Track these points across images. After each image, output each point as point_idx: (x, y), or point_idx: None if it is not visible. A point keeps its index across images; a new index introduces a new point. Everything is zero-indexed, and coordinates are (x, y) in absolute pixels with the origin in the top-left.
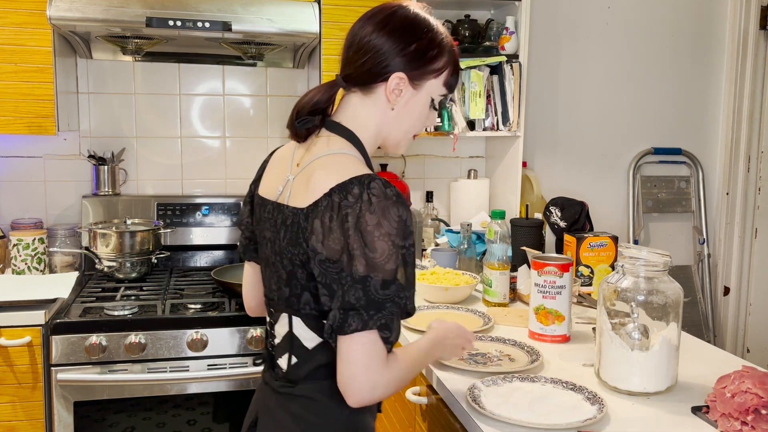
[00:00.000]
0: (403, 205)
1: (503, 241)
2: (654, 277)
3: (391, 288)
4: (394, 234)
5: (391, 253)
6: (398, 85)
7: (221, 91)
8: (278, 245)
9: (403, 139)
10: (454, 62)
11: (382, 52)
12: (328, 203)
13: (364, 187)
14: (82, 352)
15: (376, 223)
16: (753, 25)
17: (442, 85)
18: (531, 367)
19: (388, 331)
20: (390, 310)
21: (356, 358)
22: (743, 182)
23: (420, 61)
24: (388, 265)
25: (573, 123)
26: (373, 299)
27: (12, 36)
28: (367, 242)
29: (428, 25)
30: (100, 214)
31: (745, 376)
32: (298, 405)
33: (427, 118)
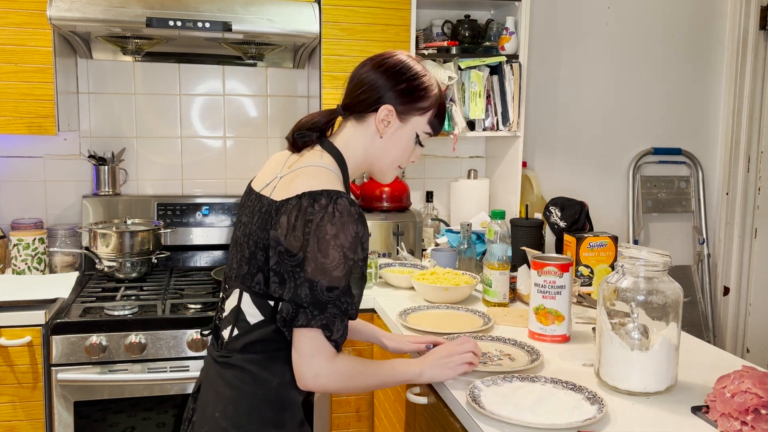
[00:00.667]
0: (363, 224)
1: (503, 241)
2: (654, 277)
3: (334, 292)
4: (348, 247)
5: (341, 262)
6: (387, 116)
7: (221, 91)
8: (249, 228)
9: (388, 169)
10: (440, 106)
11: (376, 86)
12: (296, 204)
13: (332, 201)
14: (82, 352)
15: (334, 234)
16: (753, 25)
17: (427, 123)
18: (531, 366)
19: (329, 331)
20: (331, 311)
21: (302, 348)
22: (743, 182)
23: (408, 97)
24: (336, 272)
25: (573, 123)
26: (318, 299)
27: (12, 36)
28: (321, 249)
29: (419, 70)
30: (101, 214)
31: (745, 376)
32: (233, 374)
33: (413, 152)
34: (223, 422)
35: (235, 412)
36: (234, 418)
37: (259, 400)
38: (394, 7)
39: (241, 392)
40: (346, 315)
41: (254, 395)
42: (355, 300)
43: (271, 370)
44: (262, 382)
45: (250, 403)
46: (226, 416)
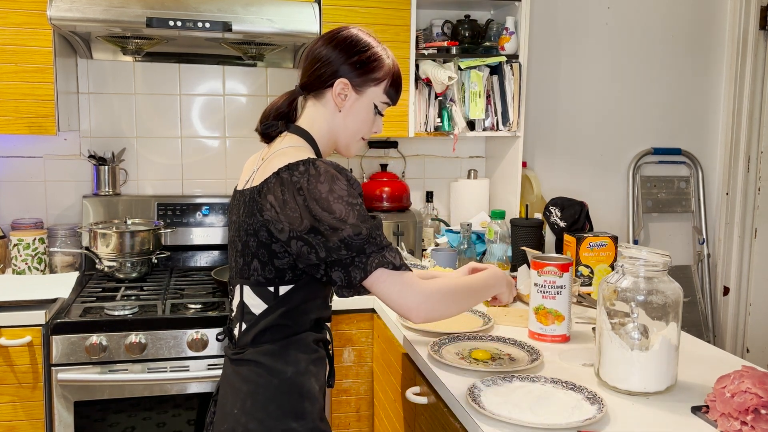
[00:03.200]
0: (347, 173)
1: (503, 241)
2: (654, 277)
3: (363, 234)
4: (347, 195)
5: (349, 210)
6: (343, 90)
7: (221, 91)
8: (238, 222)
9: (351, 142)
10: (394, 75)
11: (329, 61)
12: (276, 180)
13: (309, 164)
14: (82, 352)
15: (328, 189)
16: (753, 25)
17: (383, 92)
18: (531, 366)
19: (390, 265)
20: (373, 249)
21: (385, 294)
22: (743, 182)
23: (361, 69)
24: (351, 219)
25: (573, 123)
26: (355, 246)
27: (12, 36)
28: (325, 206)
29: (369, 41)
30: (101, 214)
31: (745, 375)
32: (247, 368)
33: (374, 123)
34: (243, 418)
35: (253, 406)
36: (252, 412)
37: (275, 391)
38: (394, 7)
39: (257, 385)
40: (386, 246)
41: (270, 387)
42: (381, 231)
43: (284, 359)
44: (276, 373)
45: (267, 396)
46: (245, 411)
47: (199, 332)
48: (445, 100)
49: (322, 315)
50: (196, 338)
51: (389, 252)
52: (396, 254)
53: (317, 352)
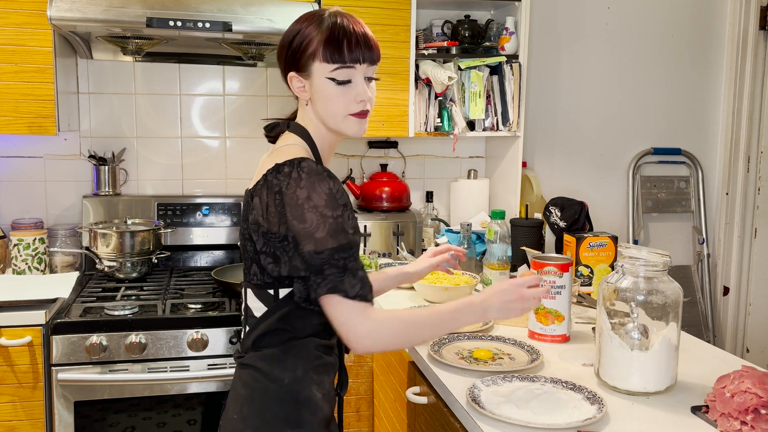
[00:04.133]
0: (333, 179)
1: (503, 241)
2: (653, 277)
3: (324, 253)
4: (323, 205)
5: (320, 223)
6: (297, 83)
7: (221, 91)
8: (240, 224)
9: (338, 123)
10: (325, 38)
11: (280, 62)
12: (263, 182)
13: (294, 166)
14: (82, 351)
15: (306, 196)
16: (753, 25)
17: (323, 61)
18: (531, 366)
19: (342, 292)
20: (331, 272)
21: (332, 318)
22: (743, 182)
23: (297, 55)
24: (318, 233)
25: (573, 123)
26: (312, 265)
27: (12, 36)
28: (297, 215)
29: (297, 26)
30: (101, 214)
31: (745, 375)
32: (247, 373)
33: (347, 93)
34: (240, 424)
35: (250, 412)
36: (249, 418)
37: (271, 397)
38: (394, 7)
39: (254, 390)
40: (348, 270)
41: (266, 393)
42: (351, 253)
43: (282, 364)
44: (272, 379)
45: (263, 402)
46: (242, 417)
47: (199, 332)
48: (445, 100)
49: None
50: (196, 338)
51: (349, 278)
52: (358, 282)
53: (321, 358)
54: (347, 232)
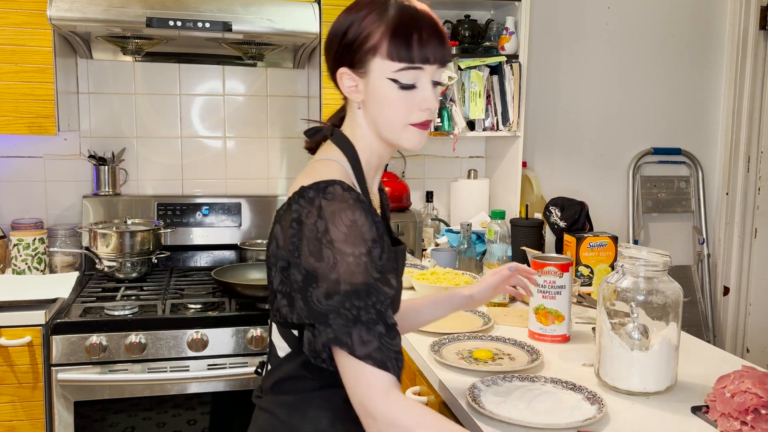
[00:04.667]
0: (362, 209)
1: (503, 241)
2: (654, 277)
3: (334, 299)
4: (342, 240)
5: (336, 261)
6: (348, 80)
7: (221, 91)
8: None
9: (394, 134)
10: (392, 29)
11: (328, 56)
12: (287, 208)
13: (320, 192)
14: (82, 352)
15: (324, 229)
16: (753, 25)
17: (386, 58)
18: (531, 366)
19: (347, 347)
20: (337, 323)
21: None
22: (743, 182)
23: (350, 48)
24: (332, 274)
25: (573, 123)
26: (315, 311)
27: (12, 36)
28: (312, 250)
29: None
30: (101, 214)
31: (745, 376)
32: (263, 418)
33: (408, 99)
34: None
35: None
36: None
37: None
38: None
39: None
40: (361, 323)
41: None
42: (375, 300)
43: (303, 413)
44: (291, 430)
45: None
46: None
47: (199, 332)
48: (445, 100)
49: None
50: (196, 338)
51: (359, 331)
52: (374, 341)
53: (349, 412)
54: (368, 274)
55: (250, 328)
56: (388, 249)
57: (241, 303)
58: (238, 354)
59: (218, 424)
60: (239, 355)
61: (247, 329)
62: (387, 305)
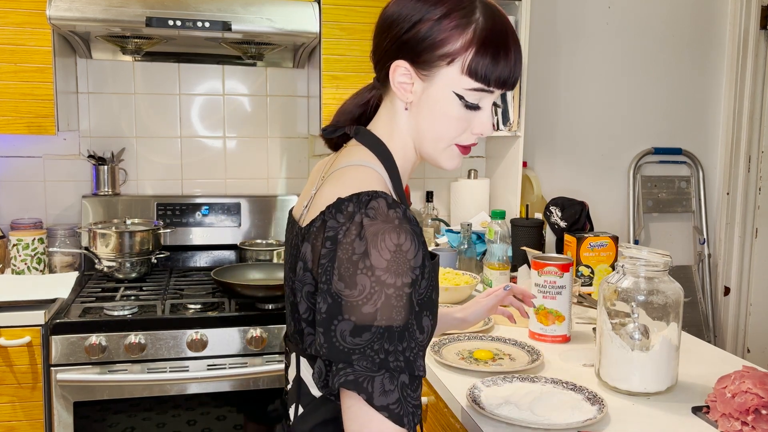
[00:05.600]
0: (409, 231)
1: (503, 241)
2: (654, 277)
3: (363, 336)
4: (383, 268)
5: (373, 292)
6: (403, 76)
7: (221, 91)
8: (286, 268)
9: (440, 152)
10: (480, 43)
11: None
12: (321, 224)
13: (361, 206)
14: (81, 352)
15: (363, 252)
16: (753, 25)
17: (463, 73)
18: (531, 367)
19: (365, 393)
20: (361, 365)
21: (345, 424)
22: (744, 182)
23: (419, 45)
24: (366, 307)
25: (573, 123)
26: (338, 349)
27: (12, 36)
28: (344, 276)
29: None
30: (100, 214)
31: (746, 376)
32: None
33: (465, 120)
34: None
35: None
36: None
37: None
38: None
39: None
40: (387, 370)
41: None
42: (406, 346)
43: None
44: None
45: None
46: None
47: (198, 332)
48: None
49: None
50: (195, 338)
51: (383, 379)
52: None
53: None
54: (408, 313)
55: (250, 328)
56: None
57: (240, 303)
58: (238, 354)
59: (218, 423)
60: (239, 356)
61: (246, 329)
62: (418, 353)
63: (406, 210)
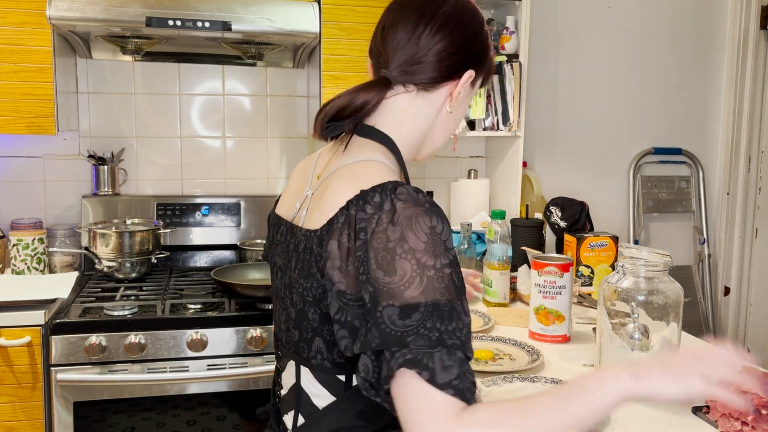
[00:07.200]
0: (439, 214)
1: (503, 241)
2: (654, 277)
3: (413, 317)
4: (422, 250)
5: (415, 274)
6: (467, 82)
7: (221, 91)
8: (288, 276)
9: (442, 143)
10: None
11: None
12: (345, 219)
13: (388, 194)
14: (81, 352)
15: (399, 237)
16: (753, 25)
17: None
18: (531, 367)
19: (425, 370)
20: (417, 344)
21: (403, 410)
22: (744, 182)
23: (484, 54)
24: (409, 291)
25: (573, 123)
26: (390, 334)
27: (12, 36)
28: (383, 264)
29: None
30: (100, 214)
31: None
32: None
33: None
34: None
35: None
36: None
37: None
38: None
39: None
40: (444, 346)
41: None
42: (456, 326)
43: None
44: None
45: None
46: None
47: (198, 332)
48: None
49: None
50: (195, 338)
51: (442, 355)
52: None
53: None
54: (452, 292)
55: (250, 328)
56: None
57: (240, 303)
58: (238, 354)
59: (218, 423)
60: (239, 356)
61: (246, 329)
62: (467, 334)
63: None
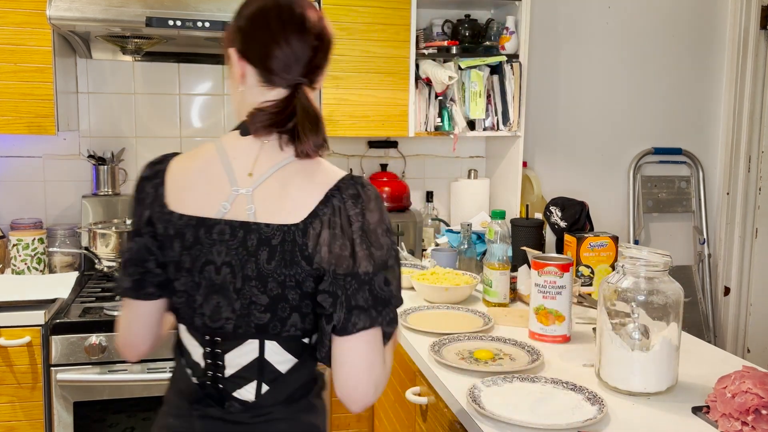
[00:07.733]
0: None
1: (503, 241)
2: (654, 278)
3: (393, 284)
4: (389, 228)
5: (390, 247)
6: None
7: (221, 91)
8: (252, 269)
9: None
10: None
11: None
12: (330, 209)
13: (359, 186)
14: (81, 352)
15: (378, 219)
16: (753, 25)
17: None
18: (531, 367)
19: (396, 324)
20: (395, 304)
21: (360, 359)
22: (744, 182)
23: None
24: (390, 260)
25: (573, 123)
26: (379, 297)
27: (12, 36)
28: (372, 241)
29: None
30: (100, 214)
31: (746, 376)
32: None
33: None
34: None
35: None
36: None
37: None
38: (395, 6)
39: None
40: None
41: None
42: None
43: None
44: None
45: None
46: None
47: None
48: (445, 100)
49: None
50: None
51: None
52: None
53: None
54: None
55: None
56: None
57: None
58: None
59: None
60: None
61: None
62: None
63: None
